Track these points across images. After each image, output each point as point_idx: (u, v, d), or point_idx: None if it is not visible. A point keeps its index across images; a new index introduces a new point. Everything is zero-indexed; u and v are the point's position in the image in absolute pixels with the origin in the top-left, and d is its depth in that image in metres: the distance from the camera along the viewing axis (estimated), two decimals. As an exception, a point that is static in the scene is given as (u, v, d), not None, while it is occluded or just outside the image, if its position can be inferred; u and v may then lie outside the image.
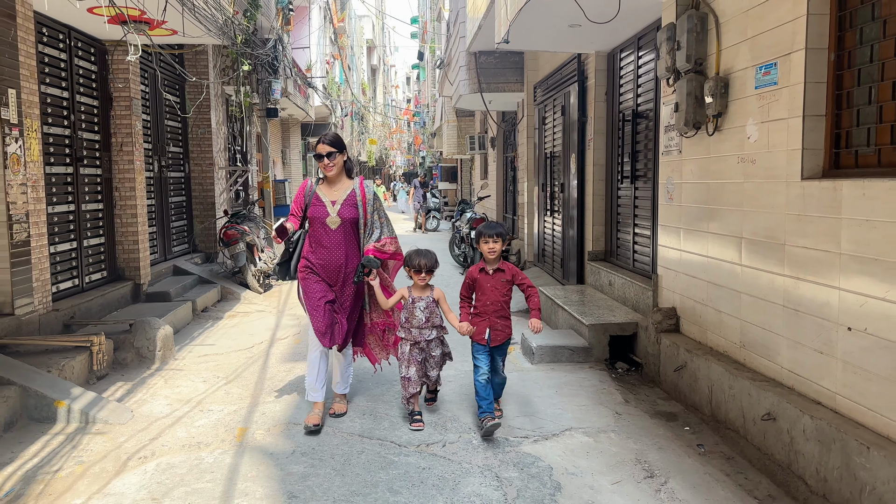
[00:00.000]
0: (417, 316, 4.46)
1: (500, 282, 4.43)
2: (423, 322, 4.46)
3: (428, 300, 4.49)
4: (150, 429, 4.35)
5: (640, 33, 6.61)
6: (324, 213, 4.45)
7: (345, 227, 4.47)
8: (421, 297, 4.48)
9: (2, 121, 5.25)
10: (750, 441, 3.94)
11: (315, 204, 4.48)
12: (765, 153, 4.02)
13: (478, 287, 4.48)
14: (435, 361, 4.55)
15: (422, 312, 4.46)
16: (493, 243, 4.38)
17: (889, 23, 3.27)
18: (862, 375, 3.21)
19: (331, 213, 4.44)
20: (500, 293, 4.43)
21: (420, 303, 4.47)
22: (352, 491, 3.51)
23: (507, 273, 4.45)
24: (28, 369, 4.58)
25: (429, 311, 4.48)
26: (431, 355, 4.53)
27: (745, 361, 4.28)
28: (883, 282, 3.06)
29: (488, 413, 4.26)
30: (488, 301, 4.43)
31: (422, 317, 4.46)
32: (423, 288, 4.50)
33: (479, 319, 4.44)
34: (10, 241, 5.34)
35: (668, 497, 3.46)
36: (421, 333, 4.47)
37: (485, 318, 4.43)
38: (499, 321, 4.43)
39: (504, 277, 4.44)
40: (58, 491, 3.53)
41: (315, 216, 4.47)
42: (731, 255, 4.41)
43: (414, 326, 4.47)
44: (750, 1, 4.17)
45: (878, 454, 2.93)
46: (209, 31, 6.90)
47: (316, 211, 4.46)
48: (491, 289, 4.42)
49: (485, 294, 4.44)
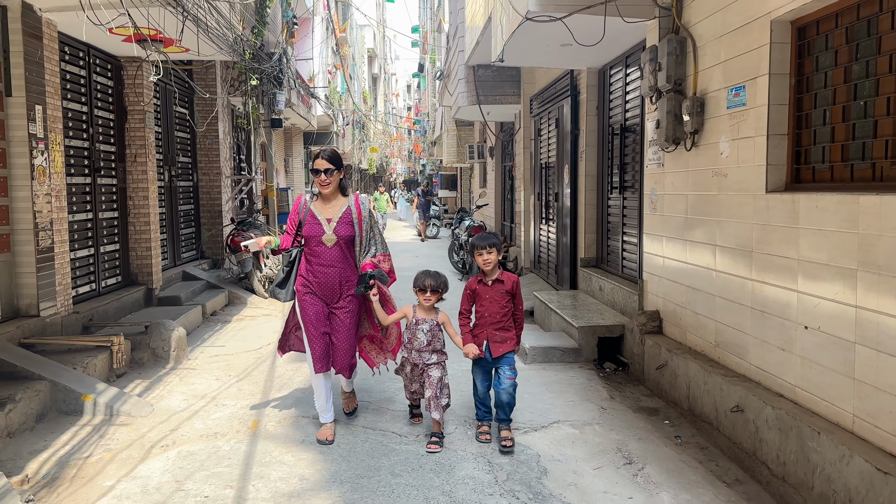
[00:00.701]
0: (419, 338, 4.35)
1: (499, 293, 4.35)
2: (425, 345, 4.35)
3: (432, 323, 4.37)
4: (169, 421, 4.71)
5: (628, 52, 7.00)
6: (319, 232, 4.39)
7: (340, 244, 4.42)
8: (425, 320, 4.37)
9: (30, 135, 5.63)
10: (721, 432, 4.29)
11: (310, 222, 4.42)
12: (735, 168, 4.39)
13: (477, 298, 4.41)
14: (430, 382, 4.34)
15: (424, 335, 4.35)
16: (488, 254, 4.32)
17: (840, 52, 3.65)
18: (816, 369, 3.57)
19: (326, 231, 4.39)
20: (499, 304, 4.35)
21: (423, 325, 4.35)
22: (357, 474, 3.86)
23: (507, 284, 4.37)
24: (56, 366, 4.95)
25: (431, 335, 4.36)
26: (428, 375, 4.36)
27: (719, 359, 4.64)
28: (833, 284, 3.42)
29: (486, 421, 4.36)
30: (486, 313, 4.36)
31: (423, 339, 4.35)
32: (429, 310, 4.39)
33: (478, 331, 4.38)
34: (36, 247, 5.71)
35: (644, 481, 3.82)
36: (421, 356, 4.36)
37: (483, 330, 4.36)
38: (497, 333, 4.33)
39: (504, 288, 4.36)
40: (90, 474, 3.89)
41: (311, 235, 4.42)
42: (706, 262, 4.78)
43: (415, 349, 4.37)
44: (723, 28, 4.55)
45: (827, 438, 3.28)
46: (221, 49, 7.29)
47: (311, 229, 4.41)
48: (490, 300, 4.35)
49: (483, 306, 4.37)
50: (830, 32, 3.72)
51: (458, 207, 22.12)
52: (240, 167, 12.97)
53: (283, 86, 13.29)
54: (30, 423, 4.49)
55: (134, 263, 8.03)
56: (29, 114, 5.62)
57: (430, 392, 4.33)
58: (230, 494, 3.63)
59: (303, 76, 17.75)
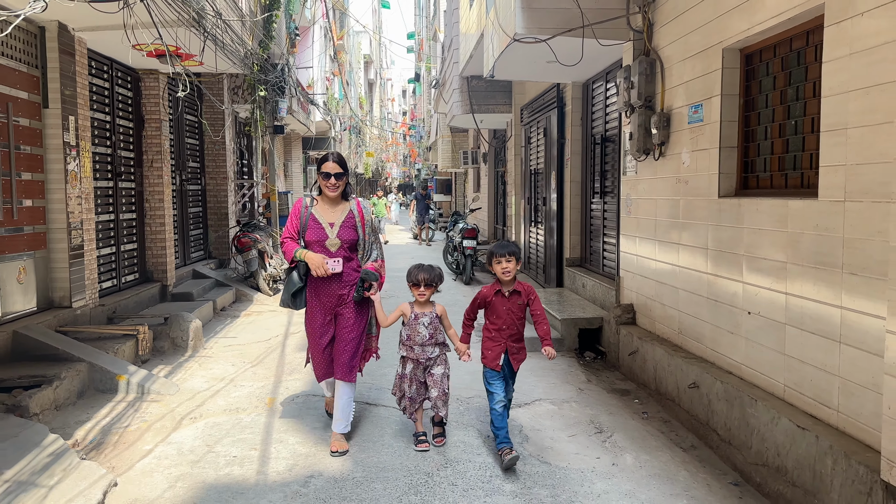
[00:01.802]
0: (421, 332, 4.30)
1: (515, 304, 4.23)
2: (427, 339, 4.30)
3: (431, 315, 4.34)
4: (195, 398, 5.30)
5: (609, 68, 7.63)
6: (322, 236, 4.32)
7: (344, 249, 4.35)
8: (424, 313, 4.34)
9: (64, 143, 6.21)
10: (681, 406, 4.91)
11: (312, 227, 4.34)
12: (694, 176, 5.01)
13: (491, 310, 4.26)
14: (434, 380, 4.33)
15: (425, 329, 4.30)
16: (507, 263, 4.15)
17: (777, 78, 4.28)
18: (756, 348, 4.18)
19: (330, 235, 4.31)
20: (516, 316, 4.23)
21: (423, 318, 4.32)
22: (363, 440, 4.46)
23: (524, 295, 4.25)
24: (92, 350, 5.53)
25: (433, 328, 4.32)
26: (431, 373, 4.34)
27: (681, 344, 5.26)
28: (768, 276, 4.04)
29: (506, 445, 4.06)
30: (504, 325, 4.22)
31: (425, 333, 4.30)
32: (425, 304, 4.36)
33: (493, 344, 4.24)
34: (69, 245, 6.29)
35: (611, 445, 4.42)
36: (423, 351, 4.31)
37: (499, 343, 4.23)
38: (514, 345, 4.25)
39: (520, 300, 4.24)
40: (130, 440, 4.47)
41: (314, 240, 4.33)
42: (672, 259, 5.40)
43: (416, 344, 4.31)
44: (685, 52, 5.17)
45: (763, 405, 3.90)
46: (234, 64, 7.89)
47: (314, 234, 4.33)
48: (506, 312, 4.21)
49: (500, 317, 4.23)
50: (770, 60, 4.35)
51: (451, 211, 22.70)
52: (242, 172, 13.55)
53: (285, 94, 13.91)
54: (72, 398, 5.07)
55: (150, 262, 8.60)
56: (64, 123, 6.21)
57: (436, 391, 4.32)
58: (255, 455, 4.22)
59: (302, 83, 18.36)
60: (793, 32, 4.06)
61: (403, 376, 4.37)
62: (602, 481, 3.87)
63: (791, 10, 3.85)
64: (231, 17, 7.48)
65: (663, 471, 4.03)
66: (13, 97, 5.74)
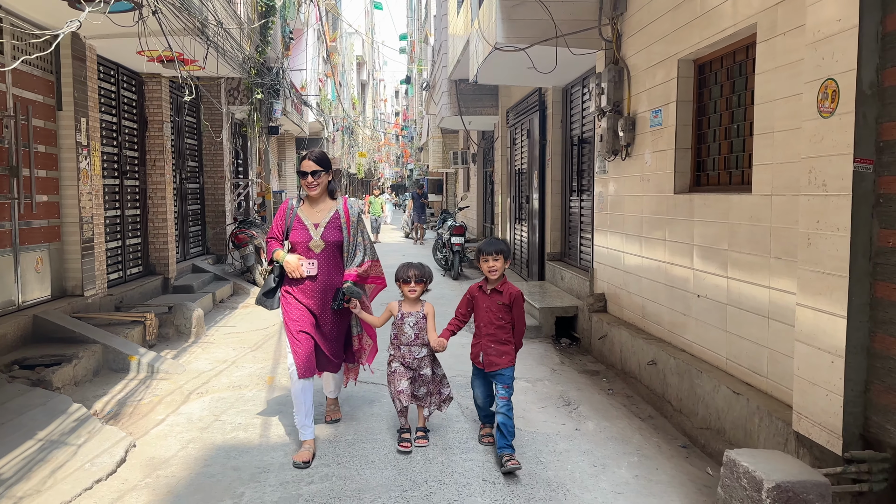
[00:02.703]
0: (406, 332, 4.24)
1: (494, 304, 4.11)
2: (412, 339, 4.23)
3: (418, 315, 4.26)
4: (200, 377, 5.78)
5: (585, 74, 8.15)
6: (306, 238, 4.24)
7: (328, 250, 4.26)
8: (410, 313, 4.27)
9: (76, 143, 6.69)
10: (642, 382, 5.43)
11: (297, 228, 4.27)
12: (655, 174, 5.54)
13: (475, 306, 4.22)
14: (424, 380, 4.28)
15: (411, 329, 4.24)
16: (494, 261, 4.07)
17: (724, 87, 4.80)
18: (704, 327, 4.71)
19: (314, 236, 4.24)
20: (494, 316, 4.10)
21: (409, 318, 4.25)
22: (352, 409, 4.96)
23: (505, 297, 4.11)
24: (105, 333, 6.00)
25: (418, 328, 4.25)
26: (420, 374, 4.27)
27: (643, 327, 5.78)
28: (713, 262, 4.56)
29: (507, 451, 3.92)
30: (481, 323, 4.16)
31: (411, 333, 4.23)
32: (414, 302, 4.30)
33: (475, 340, 4.24)
34: (81, 238, 6.76)
35: (576, 415, 4.94)
36: (410, 351, 4.24)
37: (479, 341, 4.18)
38: (493, 346, 4.09)
39: (500, 300, 4.11)
40: (144, 412, 4.96)
41: (297, 241, 4.25)
42: (636, 250, 5.92)
43: (403, 343, 4.25)
44: (648, 62, 5.70)
45: (707, 376, 4.42)
46: (233, 69, 8.37)
47: (298, 235, 4.25)
48: (485, 310, 4.13)
49: (478, 315, 4.18)
50: (718, 71, 4.88)
51: (441, 210, 23.22)
52: (238, 171, 14.01)
53: (280, 96, 14.38)
54: (89, 376, 5.55)
55: (153, 255, 9.07)
56: (76, 124, 6.68)
57: (424, 389, 4.29)
58: (258, 422, 4.71)
59: (296, 85, 18.83)
60: (735, 46, 4.59)
61: (393, 373, 4.27)
62: (565, 442, 4.38)
63: (733, 26, 4.37)
64: (231, 26, 7.96)
65: (620, 435, 4.55)
66: (31, 100, 6.21)
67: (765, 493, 2.68)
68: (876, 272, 2.97)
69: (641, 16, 5.81)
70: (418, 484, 3.76)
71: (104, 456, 3.96)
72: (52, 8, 5.81)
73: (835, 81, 3.06)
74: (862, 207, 2.97)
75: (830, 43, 3.09)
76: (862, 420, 3.04)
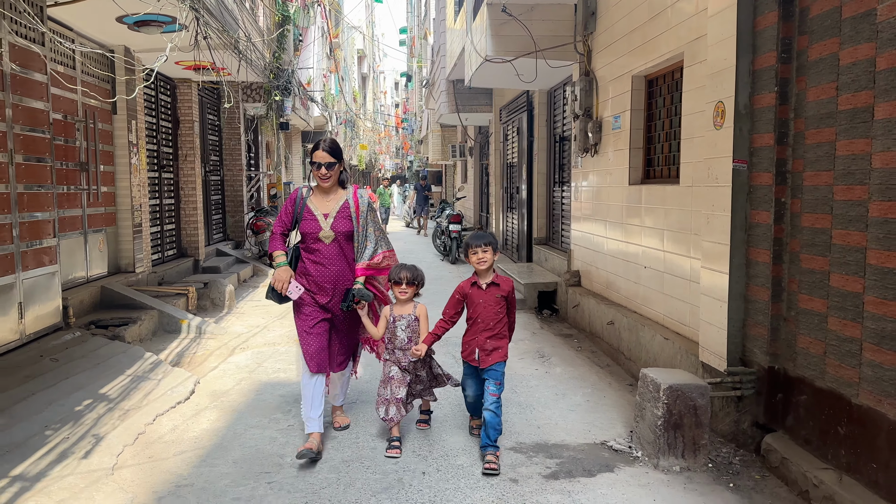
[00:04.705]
0: (399, 336, 4.16)
1: (493, 297, 4.05)
2: (406, 342, 4.15)
3: (410, 318, 4.18)
4: (239, 337, 6.98)
5: (566, 80, 9.30)
6: (316, 228, 4.14)
7: (339, 240, 4.18)
8: (402, 316, 4.18)
9: (129, 142, 7.86)
10: (604, 340, 6.62)
11: (306, 218, 4.18)
12: (615, 168, 6.71)
13: (469, 302, 4.10)
14: (420, 380, 4.28)
15: (403, 332, 4.16)
16: (483, 253, 4.02)
17: (665, 98, 5.97)
18: (648, 292, 5.89)
19: (323, 227, 4.14)
20: (493, 310, 4.03)
21: (401, 321, 4.16)
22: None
23: (504, 288, 4.08)
24: (159, 302, 7.20)
25: (411, 330, 4.16)
26: (417, 376, 4.24)
27: (607, 296, 6.97)
28: (655, 240, 5.74)
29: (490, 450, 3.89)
30: (479, 318, 4.04)
31: (403, 337, 4.15)
32: (406, 304, 4.21)
33: (469, 338, 4.12)
34: (132, 223, 7.94)
35: (548, 364, 6.13)
36: (405, 355, 4.16)
37: (474, 337, 4.06)
38: (489, 341, 4.04)
39: (499, 293, 4.06)
40: (199, 361, 6.15)
41: (307, 231, 4.17)
42: (601, 232, 7.10)
43: (397, 347, 4.17)
44: (610, 75, 6.85)
45: (648, 329, 5.60)
46: (257, 75, 9.53)
47: (308, 226, 4.16)
48: (483, 305, 4.04)
49: (476, 311, 4.06)
50: (662, 86, 6.04)
51: (440, 200, 24.39)
52: (249, 164, 15.18)
53: (290, 94, 15.53)
54: (149, 335, 6.75)
55: (184, 240, 10.25)
56: (128, 126, 7.85)
57: (420, 386, 4.30)
58: (292, 368, 5.91)
59: (302, 82, 19.95)
60: (673, 68, 5.75)
61: (390, 379, 4.17)
62: (535, 381, 5.58)
63: (669, 52, 5.53)
64: (256, 38, 9.11)
65: (580, 376, 5.74)
66: (94, 107, 7.38)
67: (661, 392, 3.86)
68: (749, 241, 4.15)
69: (606, 36, 6.97)
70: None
71: (179, 387, 5.16)
72: (115, 30, 6.96)
73: (723, 103, 4.23)
74: (739, 195, 4.14)
75: (721, 75, 4.26)
76: (740, 347, 4.22)
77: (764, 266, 3.99)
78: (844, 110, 3.41)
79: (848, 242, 3.38)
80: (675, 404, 3.86)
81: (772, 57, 3.89)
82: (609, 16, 6.82)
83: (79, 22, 6.78)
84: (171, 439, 4.27)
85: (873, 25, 3.21)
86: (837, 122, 3.46)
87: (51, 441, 4.03)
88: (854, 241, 3.33)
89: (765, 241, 3.98)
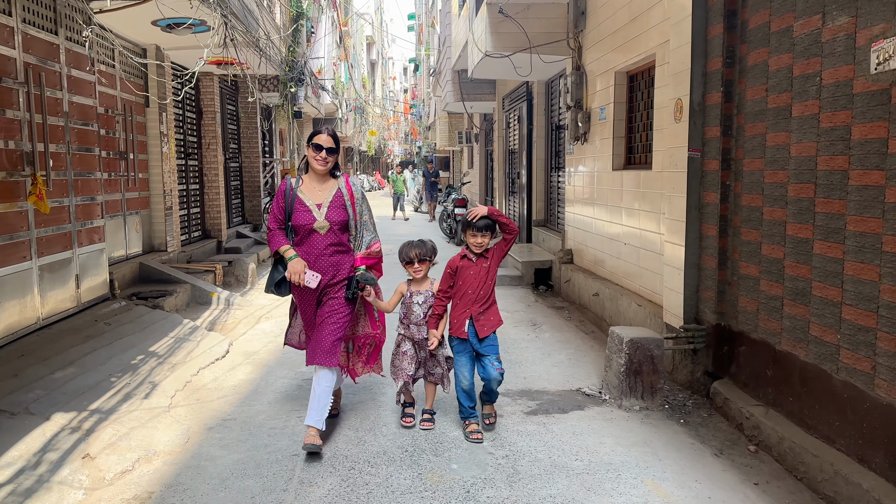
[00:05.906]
0: (415, 311, 4.17)
1: (482, 268, 4.12)
2: (421, 318, 4.16)
3: (427, 294, 4.19)
4: (263, 308, 7.78)
5: (562, 72, 9.97)
6: (310, 220, 4.03)
7: (334, 230, 4.08)
8: (419, 291, 4.20)
9: (160, 132, 8.63)
10: (590, 309, 7.37)
11: (298, 209, 4.05)
12: (602, 155, 7.42)
13: (459, 275, 4.13)
14: (438, 361, 4.23)
15: (420, 307, 4.16)
16: (482, 238, 4.07)
17: (643, 92, 6.67)
18: (628, 265, 6.63)
19: (318, 217, 4.04)
20: (481, 280, 4.10)
21: (418, 297, 4.18)
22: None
23: (490, 257, 4.15)
24: (191, 277, 8.00)
25: (427, 306, 4.18)
26: (432, 355, 4.22)
27: (594, 271, 7.71)
28: (633, 218, 6.47)
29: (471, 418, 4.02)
30: (469, 289, 4.09)
31: (420, 312, 4.16)
32: (422, 281, 4.22)
33: (458, 312, 4.11)
34: (164, 206, 8.73)
35: (538, 331, 6.89)
36: (420, 331, 4.17)
37: (465, 310, 4.09)
38: (479, 308, 4.08)
39: (486, 263, 4.13)
40: (230, 327, 6.95)
41: (301, 223, 4.05)
42: (590, 213, 7.83)
43: (413, 323, 4.18)
44: (598, 70, 7.55)
45: (626, 298, 6.35)
46: (275, 69, 10.27)
47: (301, 218, 4.04)
48: (473, 276, 4.10)
49: (465, 282, 4.10)
50: (641, 80, 6.74)
51: (447, 185, 25.11)
52: (264, 151, 15.95)
53: (303, 83, 16.26)
54: (184, 306, 7.56)
55: (208, 222, 11.05)
56: (160, 117, 8.62)
57: (439, 369, 4.26)
58: (312, 333, 6.69)
59: (313, 71, 20.66)
60: (649, 65, 6.45)
61: (403, 353, 4.21)
62: (526, 343, 6.35)
63: (645, 52, 6.22)
64: (274, 36, 9.84)
65: (567, 340, 6.50)
66: (130, 101, 8.15)
67: (624, 344, 4.61)
68: (701, 218, 4.88)
69: (594, 34, 7.66)
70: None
71: (216, 347, 5.96)
72: (149, 31, 7.72)
73: (681, 100, 4.95)
74: (693, 179, 4.87)
75: (680, 76, 4.97)
76: (695, 308, 4.97)
77: (713, 239, 4.73)
78: (772, 108, 4.12)
79: (774, 217, 4.11)
80: (636, 354, 4.61)
81: (719, 62, 4.60)
82: (597, 15, 7.51)
83: (118, 25, 7.53)
84: (214, 387, 5.08)
85: (791, 39, 3.92)
86: (767, 117, 4.18)
87: (115, 386, 4.83)
88: (777, 216, 4.06)
89: (713, 217, 4.71)
